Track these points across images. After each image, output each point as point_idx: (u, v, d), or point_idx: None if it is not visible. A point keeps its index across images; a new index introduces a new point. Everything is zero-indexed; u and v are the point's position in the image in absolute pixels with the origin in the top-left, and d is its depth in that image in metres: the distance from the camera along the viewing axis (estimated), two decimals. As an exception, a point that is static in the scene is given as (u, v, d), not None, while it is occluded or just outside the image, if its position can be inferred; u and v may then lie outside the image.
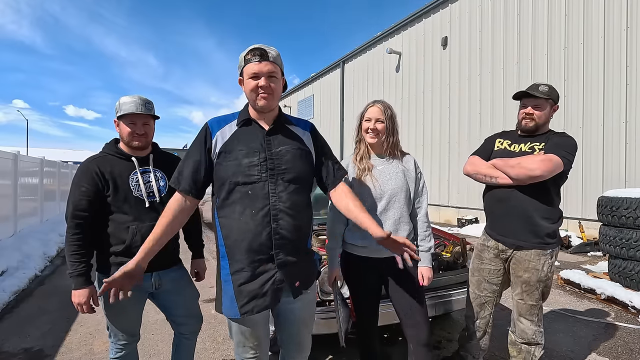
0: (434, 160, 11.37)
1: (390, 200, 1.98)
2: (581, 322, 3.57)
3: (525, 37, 8.81)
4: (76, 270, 1.74)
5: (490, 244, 2.27)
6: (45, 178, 9.98)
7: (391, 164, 2.05)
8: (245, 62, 1.50)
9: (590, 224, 7.34)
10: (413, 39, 12.37)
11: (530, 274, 2.13)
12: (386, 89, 13.59)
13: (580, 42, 7.69)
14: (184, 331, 2.07)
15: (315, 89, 19.34)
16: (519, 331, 2.22)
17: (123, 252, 1.78)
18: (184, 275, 2.05)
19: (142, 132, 1.87)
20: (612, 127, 7.22)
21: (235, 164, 1.49)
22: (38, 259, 5.90)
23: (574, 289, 4.57)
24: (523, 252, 2.14)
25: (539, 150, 2.11)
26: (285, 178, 1.52)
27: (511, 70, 9.13)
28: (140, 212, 1.82)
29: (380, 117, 2.01)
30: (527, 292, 2.15)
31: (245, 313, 1.50)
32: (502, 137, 2.34)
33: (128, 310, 1.86)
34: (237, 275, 1.50)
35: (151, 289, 1.89)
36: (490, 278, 2.29)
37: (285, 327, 1.70)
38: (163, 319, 3.16)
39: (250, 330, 1.57)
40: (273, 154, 1.53)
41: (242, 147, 1.51)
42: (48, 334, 3.36)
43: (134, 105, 1.83)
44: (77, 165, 13.02)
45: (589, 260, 6.23)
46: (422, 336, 1.99)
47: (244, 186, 1.48)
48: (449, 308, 2.84)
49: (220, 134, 1.54)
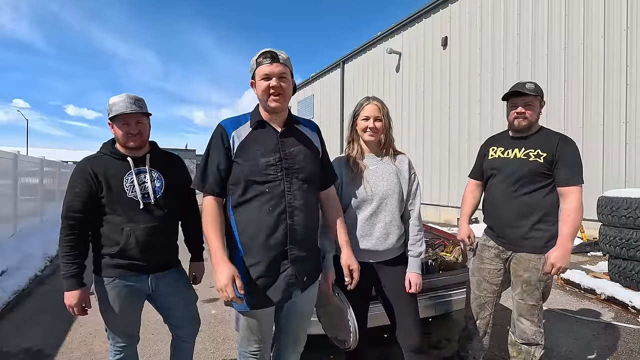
0: (434, 161, 11.37)
1: (381, 202, 1.94)
2: (581, 322, 3.57)
3: (525, 37, 8.80)
4: (68, 271, 1.74)
5: (490, 244, 2.28)
6: (45, 178, 10.00)
7: (384, 164, 2.02)
8: (257, 65, 1.56)
9: (590, 224, 7.33)
10: (413, 39, 12.36)
11: (531, 273, 2.12)
12: (386, 89, 13.58)
13: (581, 42, 7.69)
14: (181, 334, 2.04)
15: (315, 88, 19.34)
16: (519, 331, 2.21)
17: (118, 254, 1.76)
18: (182, 277, 2.02)
19: (137, 132, 1.82)
20: (612, 127, 7.21)
21: (252, 164, 1.54)
22: (38, 258, 5.90)
23: (574, 289, 4.57)
24: (524, 252, 2.15)
25: (534, 157, 2.10)
26: (299, 177, 1.60)
27: (511, 70, 9.12)
28: (134, 214, 1.79)
29: (378, 115, 1.98)
30: (528, 292, 2.15)
31: (256, 307, 1.57)
32: (494, 144, 2.33)
33: (124, 313, 1.84)
34: (251, 270, 1.55)
35: (148, 291, 1.87)
36: (491, 278, 2.29)
37: (285, 321, 1.74)
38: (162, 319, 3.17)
39: (257, 325, 1.62)
40: (287, 154, 1.59)
41: (259, 148, 1.57)
42: (48, 333, 3.36)
43: (123, 105, 1.79)
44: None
45: (589, 260, 6.23)
46: (413, 342, 1.96)
47: (261, 185, 1.54)
48: (449, 308, 2.84)
49: (235, 134, 1.59)
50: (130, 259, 1.78)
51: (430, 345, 3.07)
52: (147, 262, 1.81)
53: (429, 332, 3.25)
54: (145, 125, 1.88)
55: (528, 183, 2.11)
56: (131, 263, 1.79)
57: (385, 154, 2.04)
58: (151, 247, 1.80)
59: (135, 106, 1.81)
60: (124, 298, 1.81)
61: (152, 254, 1.81)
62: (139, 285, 1.83)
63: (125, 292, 1.81)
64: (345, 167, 2.01)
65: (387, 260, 1.99)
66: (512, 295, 2.24)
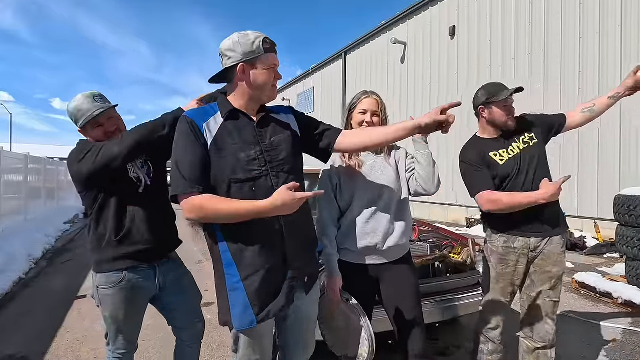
0: (440, 157, 11.34)
1: (382, 197, 1.96)
2: (597, 327, 3.56)
3: (537, 26, 8.76)
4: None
5: (517, 245, 2.21)
6: (30, 175, 9.98)
7: (382, 159, 2.04)
8: (264, 50, 1.47)
9: (606, 224, 7.32)
10: (419, 28, 12.30)
11: (559, 267, 2.18)
12: (390, 81, 13.56)
13: (596, 32, 7.65)
14: (186, 337, 2.07)
15: (315, 81, 19.29)
16: (543, 333, 2.20)
17: (123, 240, 1.81)
18: (187, 275, 2.09)
19: (114, 128, 1.86)
20: (629, 122, 7.19)
21: (231, 160, 1.45)
22: (22, 260, 5.89)
23: (589, 292, 4.55)
24: (552, 245, 2.17)
25: (532, 143, 2.24)
26: (285, 169, 1.53)
27: (523, 61, 9.08)
28: (134, 198, 1.86)
29: (376, 109, 2.00)
30: (555, 287, 2.19)
31: (262, 320, 1.48)
32: (489, 150, 2.29)
33: (129, 316, 1.88)
34: (249, 280, 1.46)
35: (155, 290, 1.92)
36: (516, 282, 2.27)
37: (291, 328, 1.68)
38: (154, 325, 3.18)
39: (259, 342, 1.54)
40: (267, 145, 1.52)
41: (236, 141, 1.48)
42: (33, 340, 3.36)
43: (88, 106, 1.80)
44: (63, 162, 13.01)
45: (605, 262, 6.22)
46: (417, 348, 1.96)
47: (245, 183, 1.45)
48: (457, 313, 2.84)
49: (206, 127, 1.47)
50: (136, 245, 1.83)
51: (437, 352, 3.06)
52: (151, 245, 1.86)
53: (436, 338, 3.24)
54: (117, 118, 1.92)
55: (543, 165, 2.21)
56: (137, 251, 1.83)
57: (382, 151, 2.06)
58: (154, 228, 1.88)
59: (100, 103, 1.83)
60: (131, 300, 1.85)
61: (156, 236, 1.88)
62: (147, 283, 1.88)
63: (133, 294, 1.84)
64: (341, 163, 2.02)
65: (391, 262, 2.00)
66: (533, 296, 2.22)
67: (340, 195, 1.99)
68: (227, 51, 1.49)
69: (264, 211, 1.36)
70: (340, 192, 1.99)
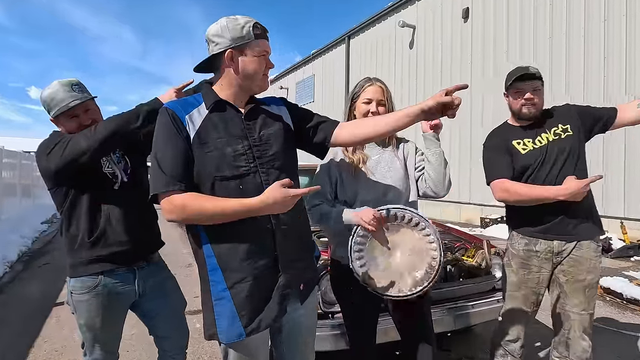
0: (452, 151, 11.30)
1: (388, 193, 1.94)
2: (624, 337, 3.56)
3: (558, 8, 8.71)
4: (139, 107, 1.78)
5: (540, 247, 2.18)
6: (5, 170, 9.98)
7: (389, 152, 2.03)
8: (255, 36, 1.47)
9: (633, 224, 7.31)
10: (429, 9, 12.25)
11: (594, 275, 2.13)
12: (398, 68, 13.52)
13: (623, 14, 7.60)
14: (169, 348, 2.06)
15: (316, 68, 19.25)
16: (580, 352, 2.15)
17: (97, 241, 1.80)
18: (170, 279, 2.09)
19: (89, 122, 1.84)
20: (659, 112, 7.16)
21: (217, 155, 1.43)
22: (-4, 263, 5.90)
23: (615, 299, 4.55)
24: (583, 250, 2.12)
25: (565, 134, 2.19)
26: (275, 166, 1.51)
27: (542, 45, 9.04)
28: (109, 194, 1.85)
29: (382, 98, 1.98)
30: (590, 298, 2.14)
31: (252, 332, 1.44)
32: (512, 138, 2.27)
33: (107, 325, 1.87)
34: (237, 288, 1.43)
35: (134, 296, 1.91)
36: (539, 289, 2.23)
37: (287, 341, 1.66)
38: (138, 333, 3.17)
39: (250, 357, 1.51)
40: (256, 139, 1.50)
41: (221, 135, 1.46)
42: (7, 350, 3.37)
43: (64, 95, 1.78)
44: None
45: (633, 265, 6.21)
46: (427, 359, 1.96)
47: (232, 180, 1.43)
48: (471, 321, 2.83)
49: (189, 119, 1.45)
50: (112, 246, 1.81)
51: (448, 364, 3.05)
52: (129, 247, 1.85)
53: (448, 349, 3.24)
54: (95, 111, 1.91)
55: (575, 159, 2.17)
56: (113, 253, 1.82)
57: (389, 143, 2.05)
58: (132, 229, 1.86)
59: (77, 93, 1.81)
60: (108, 306, 1.83)
61: (134, 236, 1.86)
62: (125, 288, 1.87)
63: (110, 300, 1.83)
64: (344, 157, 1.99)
65: None
66: (566, 310, 2.17)
67: (340, 193, 1.97)
68: (214, 37, 1.47)
69: (254, 209, 1.35)
70: (340, 190, 1.98)
